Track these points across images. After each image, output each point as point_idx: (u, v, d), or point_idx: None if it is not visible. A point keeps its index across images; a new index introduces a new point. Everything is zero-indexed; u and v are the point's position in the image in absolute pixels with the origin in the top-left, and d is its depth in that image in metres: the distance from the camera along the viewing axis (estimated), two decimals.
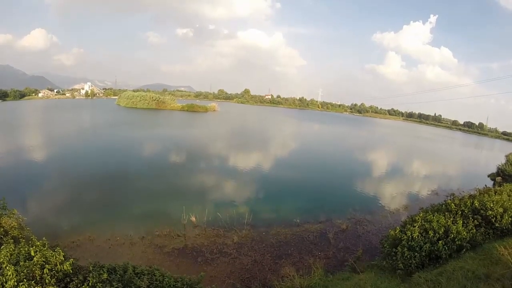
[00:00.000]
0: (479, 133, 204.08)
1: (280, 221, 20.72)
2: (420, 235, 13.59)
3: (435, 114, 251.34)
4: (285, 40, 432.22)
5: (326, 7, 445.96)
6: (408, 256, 12.62)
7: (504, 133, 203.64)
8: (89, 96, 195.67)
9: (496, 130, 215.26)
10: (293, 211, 22.52)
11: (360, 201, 26.63)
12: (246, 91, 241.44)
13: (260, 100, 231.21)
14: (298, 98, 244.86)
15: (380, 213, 24.37)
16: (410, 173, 44.41)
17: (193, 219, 19.39)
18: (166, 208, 21.76)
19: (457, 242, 13.16)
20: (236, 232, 18.69)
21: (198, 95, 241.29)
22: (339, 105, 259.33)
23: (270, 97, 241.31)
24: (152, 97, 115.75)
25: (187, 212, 19.53)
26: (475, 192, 21.08)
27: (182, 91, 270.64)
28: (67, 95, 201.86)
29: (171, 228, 18.45)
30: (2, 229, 11.36)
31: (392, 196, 30.18)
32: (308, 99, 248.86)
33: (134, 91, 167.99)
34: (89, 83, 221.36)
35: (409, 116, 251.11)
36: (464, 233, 13.61)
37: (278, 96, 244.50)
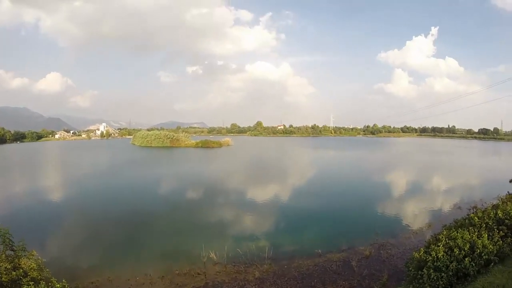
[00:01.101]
0: (495, 139, 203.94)
1: (301, 253, 20.24)
2: (445, 254, 13.12)
3: (448, 125, 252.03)
4: (293, 69, 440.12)
5: (329, 33, 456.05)
6: (435, 278, 12.17)
7: None
8: (104, 136, 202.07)
9: None
10: (314, 241, 22.09)
11: (382, 224, 25.99)
12: (259, 123, 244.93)
13: (273, 131, 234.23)
14: (310, 125, 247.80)
15: (403, 234, 23.65)
16: (430, 189, 43.55)
17: (213, 256, 19.07)
18: (185, 246, 21.57)
19: (484, 257, 12.70)
20: (257, 267, 18.30)
21: (211, 130, 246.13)
22: (352, 129, 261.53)
23: (282, 127, 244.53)
24: (166, 135, 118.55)
25: (207, 249, 19.33)
26: (498, 201, 20.54)
27: (195, 127, 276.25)
28: (83, 136, 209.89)
29: (191, 266, 18.15)
30: (21, 271, 11.50)
31: (414, 215, 29.47)
32: (320, 125, 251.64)
33: (148, 130, 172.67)
34: (104, 124, 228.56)
35: (423, 131, 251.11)
36: (491, 246, 13.14)
37: (291, 126, 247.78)
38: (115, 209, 30.68)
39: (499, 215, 15.93)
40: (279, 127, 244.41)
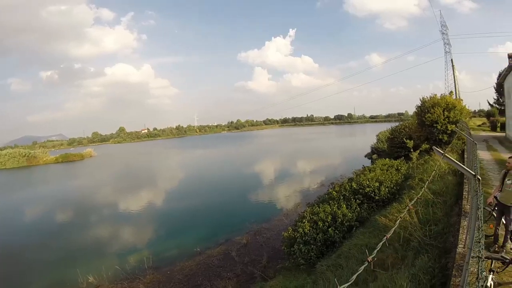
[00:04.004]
0: (350, 122, 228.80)
1: (182, 255, 19.99)
2: (311, 228, 14.43)
3: (307, 115, 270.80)
4: (154, 71, 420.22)
5: (192, 34, 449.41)
6: (306, 251, 13.29)
7: (371, 117, 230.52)
8: None
9: (363, 116, 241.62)
10: (193, 241, 21.89)
11: (255, 212, 27.20)
12: (121, 129, 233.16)
13: (137, 136, 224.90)
14: (175, 127, 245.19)
15: (275, 218, 25.15)
16: (297, 173, 46.88)
17: (92, 279, 17.84)
18: (60, 276, 19.12)
19: (346, 224, 14.22)
20: (140, 279, 17.46)
21: (71, 142, 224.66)
22: (216, 126, 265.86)
23: (146, 131, 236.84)
24: (21, 153, 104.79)
25: (84, 273, 17.87)
26: (353, 175, 22.94)
27: (53, 140, 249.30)
28: None
29: None
30: None
31: (285, 198, 31.47)
32: (185, 126, 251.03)
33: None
34: None
35: (284, 122, 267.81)
36: (350, 214, 14.77)
37: (155, 129, 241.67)
38: None
39: (354, 186, 18.03)
40: (143, 131, 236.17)
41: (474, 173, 7.39)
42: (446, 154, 8.80)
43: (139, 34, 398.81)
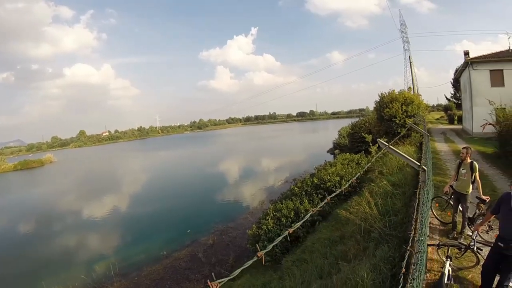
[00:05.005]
0: (312, 119, 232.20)
1: (148, 260, 19.69)
2: (275, 225, 14.64)
3: (270, 112, 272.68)
4: (115, 71, 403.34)
5: (153, 33, 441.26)
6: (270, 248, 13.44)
7: (333, 113, 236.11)
8: None
9: (325, 113, 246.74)
10: (159, 244, 21.66)
11: (221, 212, 27.21)
12: (82, 133, 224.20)
13: (98, 140, 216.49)
14: (136, 128, 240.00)
15: (241, 216, 25.27)
16: (262, 171, 47.22)
17: None
18: None
19: (308, 219, 14.46)
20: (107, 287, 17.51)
21: (30, 148, 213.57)
22: (179, 126, 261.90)
23: (107, 134, 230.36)
24: None
25: (49, 286, 17.24)
26: (315, 170, 23.36)
27: (11, 147, 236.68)
28: None
29: None
30: None
31: (250, 197, 31.70)
32: (147, 127, 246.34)
33: None
34: None
35: (247, 120, 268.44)
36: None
37: (116, 131, 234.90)
38: None
39: (315, 181, 18.42)
40: (104, 134, 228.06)
41: (418, 164, 7.73)
42: (390, 146, 9.18)
43: (99, 33, 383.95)
